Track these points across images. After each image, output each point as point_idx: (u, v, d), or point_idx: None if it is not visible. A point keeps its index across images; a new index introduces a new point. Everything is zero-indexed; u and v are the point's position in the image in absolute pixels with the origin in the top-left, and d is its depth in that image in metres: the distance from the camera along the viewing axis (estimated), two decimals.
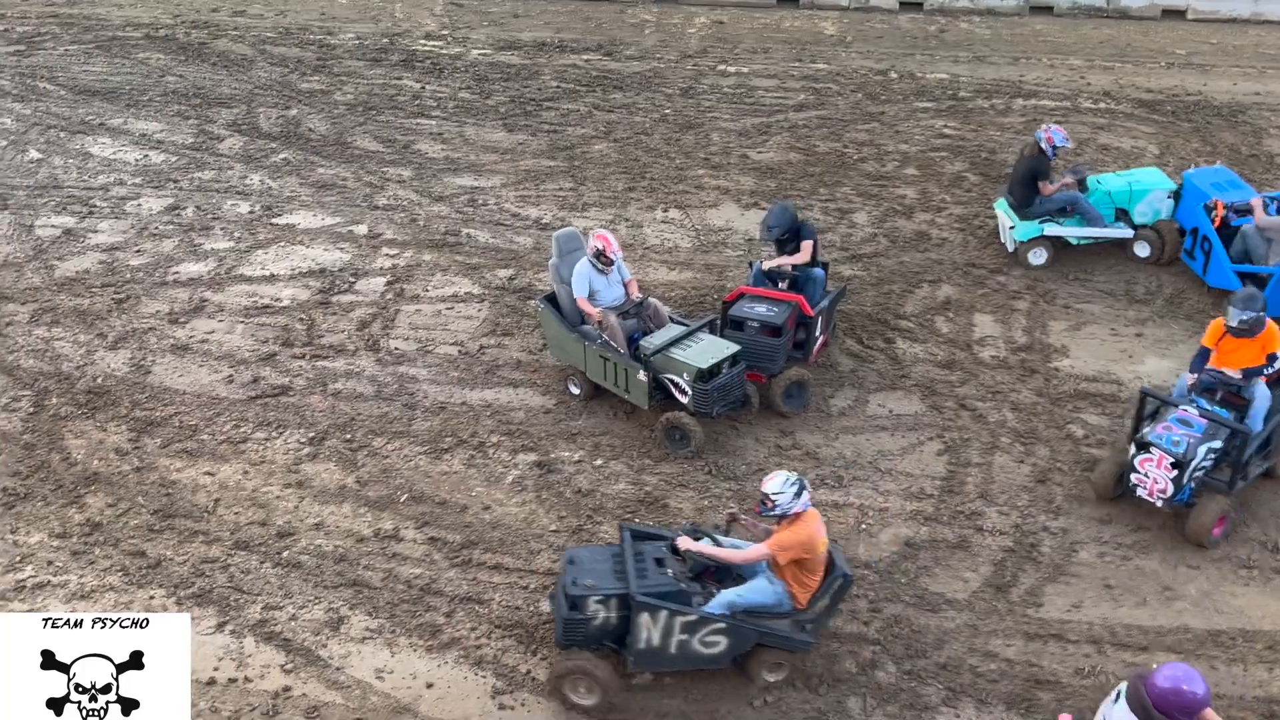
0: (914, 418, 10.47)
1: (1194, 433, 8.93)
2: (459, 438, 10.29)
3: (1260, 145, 15.07)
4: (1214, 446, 8.95)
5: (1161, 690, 5.87)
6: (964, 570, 8.90)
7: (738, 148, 15.23)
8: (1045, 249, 12.42)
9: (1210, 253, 11.77)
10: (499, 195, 14.17)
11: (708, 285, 12.31)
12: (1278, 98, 16.42)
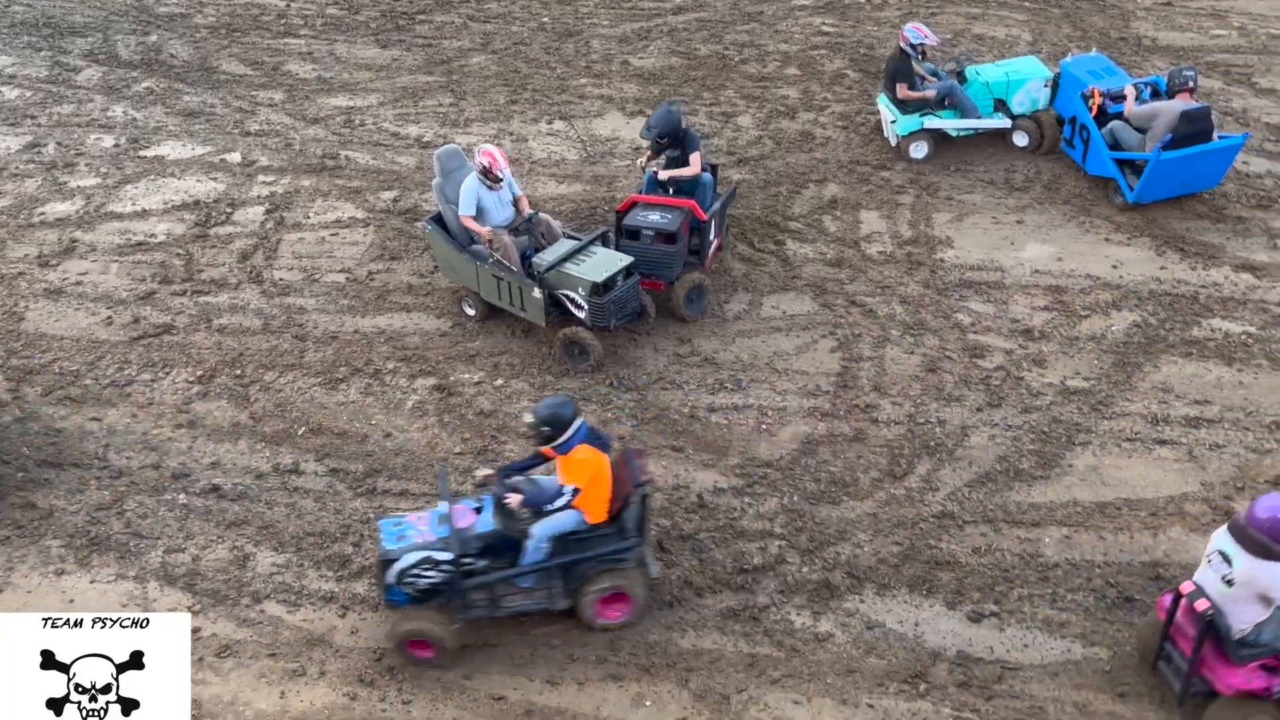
0: (807, 317, 10.62)
1: None
2: (354, 366, 10.13)
3: (1128, 28, 15.38)
4: None
5: (1262, 520, 6.60)
6: (862, 462, 9.14)
7: (619, 54, 15.02)
8: (926, 142, 12.59)
9: (1089, 141, 12.02)
10: (376, 115, 13.78)
11: (598, 197, 12.21)
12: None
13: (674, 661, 7.66)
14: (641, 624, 7.89)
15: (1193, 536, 8.39)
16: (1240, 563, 6.68)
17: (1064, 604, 7.97)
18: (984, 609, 7.95)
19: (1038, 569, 8.23)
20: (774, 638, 7.80)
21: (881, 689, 7.45)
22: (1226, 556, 6.78)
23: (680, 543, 8.49)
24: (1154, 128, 11.38)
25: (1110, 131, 11.80)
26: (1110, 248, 11.35)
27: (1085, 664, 7.56)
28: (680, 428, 9.50)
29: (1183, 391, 9.64)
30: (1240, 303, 10.53)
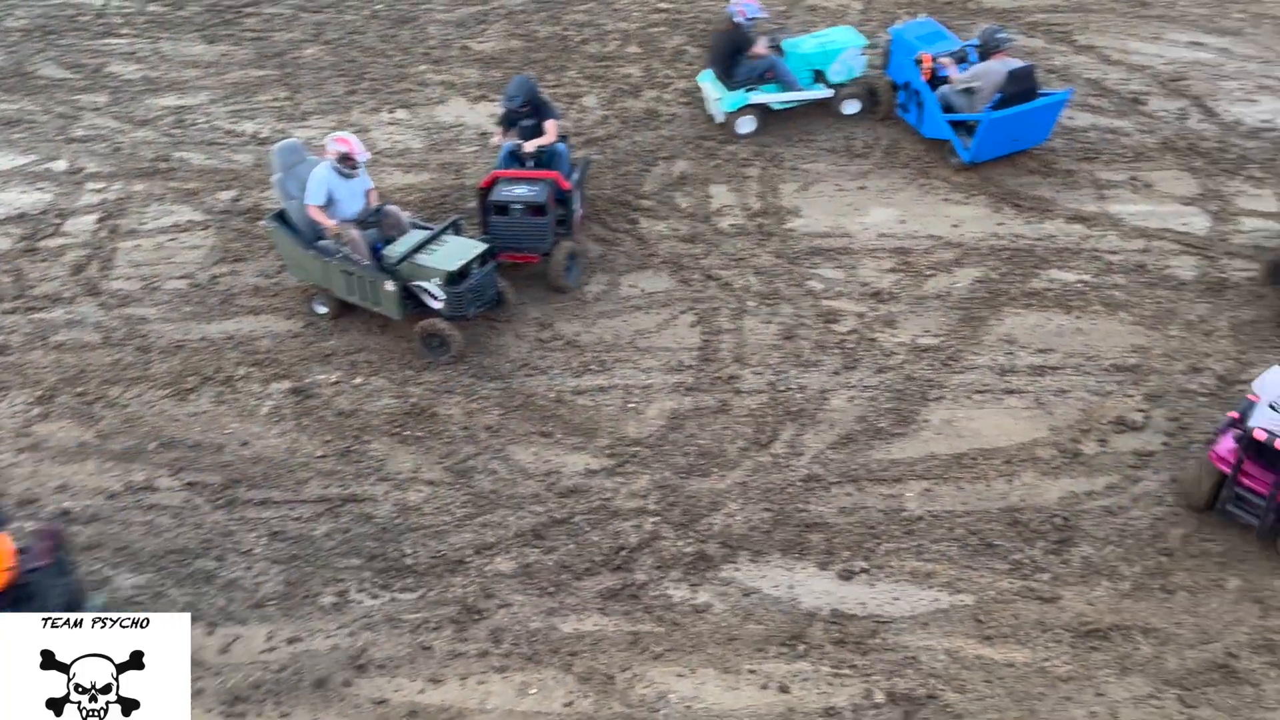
0: (665, 294, 10.69)
1: None
2: (203, 375, 9.79)
3: None
4: None
5: None
6: (728, 433, 9.26)
7: (457, 39, 14.80)
8: (753, 117, 12.73)
9: (923, 106, 12.34)
10: (209, 113, 13.29)
11: (446, 185, 12.03)
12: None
13: (557, 647, 7.66)
14: (521, 612, 7.86)
15: (1045, 480, 8.76)
16: None
17: (929, 555, 8.24)
18: (854, 566, 8.16)
19: (902, 523, 8.48)
20: (654, 614, 7.86)
21: (762, 654, 7.59)
22: None
23: (556, 528, 8.48)
24: (982, 89, 11.77)
25: (943, 94, 12.16)
26: (950, 208, 11.72)
27: (953, 611, 7.84)
28: (548, 413, 9.47)
29: (1026, 342, 10.04)
30: (1074, 253, 11.00)
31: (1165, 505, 8.51)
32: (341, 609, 7.92)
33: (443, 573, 8.16)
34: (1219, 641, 7.56)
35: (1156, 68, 13.82)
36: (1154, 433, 9.12)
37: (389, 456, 9.07)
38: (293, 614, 7.87)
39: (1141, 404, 9.37)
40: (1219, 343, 9.92)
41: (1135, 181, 11.94)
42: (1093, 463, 8.89)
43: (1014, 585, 7.99)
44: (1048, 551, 8.22)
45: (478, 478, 8.91)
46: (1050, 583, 8.00)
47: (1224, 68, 13.78)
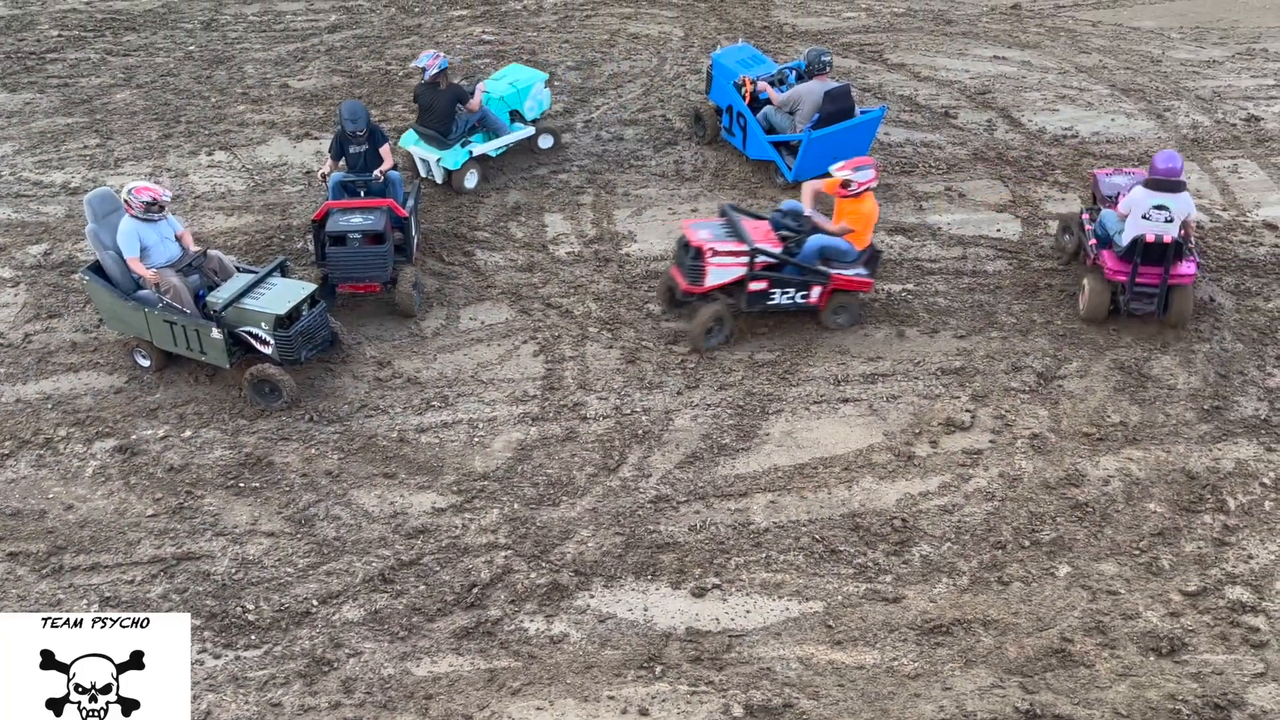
0: (506, 324, 10.64)
1: None
2: (20, 439, 9.28)
3: (769, 17, 16.31)
4: None
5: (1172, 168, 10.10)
6: (576, 460, 9.25)
7: (276, 78, 14.48)
8: (476, 169, 12.43)
9: (746, 128, 12.62)
10: (13, 164, 12.66)
11: (272, 226, 11.73)
12: None
13: (412, 692, 7.49)
14: (373, 659, 7.66)
15: (883, 484, 9.02)
16: (1175, 204, 10.02)
17: (777, 566, 8.38)
18: (706, 583, 8.23)
19: (750, 536, 8.61)
20: (510, 648, 7.78)
21: (620, 679, 7.58)
22: (1164, 206, 10.02)
23: (404, 570, 8.31)
24: (801, 109, 12.13)
25: (764, 116, 12.48)
26: None
27: (804, 619, 7.99)
28: (390, 453, 9.29)
29: (858, 352, 10.34)
30: (897, 263, 11.41)
31: (996, 500, 8.87)
32: None
33: (288, 626, 7.90)
34: (1054, 628, 7.90)
35: (964, 82, 14.50)
36: (981, 431, 9.50)
37: (225, 510, 8.76)
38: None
39: (968, 404, 9.75)
40: (1036, 341, 10.42)
41: (950, 192, 12.47)
42: (926, 464, 9.20)
43: (860, 589, 8.19)
44: (889, 553, 8.46)
45: (320, 525, 8.67)
46: (893, 583, 8.24)
47: (1026, 80, 14.54)
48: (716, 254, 10.04)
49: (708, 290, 10.17)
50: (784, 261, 10.20)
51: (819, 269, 10.19)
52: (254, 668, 7.61)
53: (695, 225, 10.42)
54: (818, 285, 10.25)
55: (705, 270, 10.07)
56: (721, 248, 10.06)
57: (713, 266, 10.07)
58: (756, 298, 10.23)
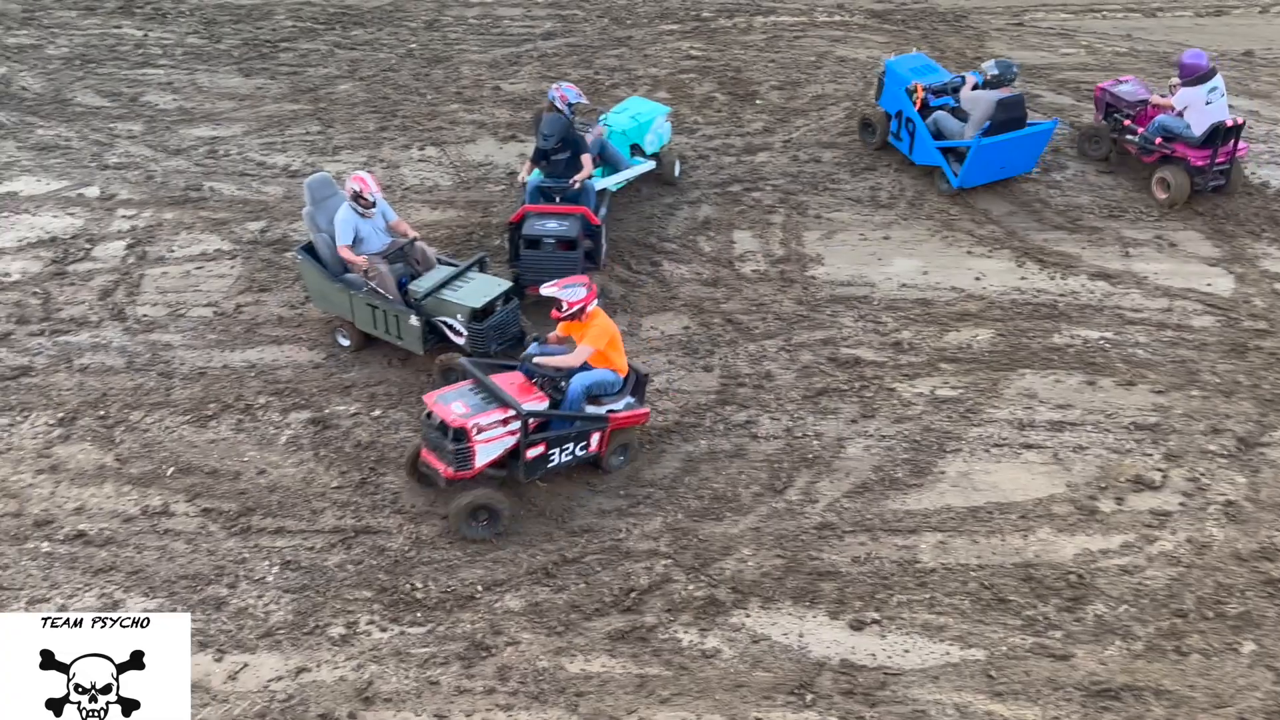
0: (685, 336, 10.72)
1: None
2: (224, 403, 9.86)
3: (984, 48, 15.96)
4: None
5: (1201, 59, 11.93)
6: (743, 477, 9.24)
7: (489, 80, 14.99)
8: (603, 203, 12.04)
9: (915, 133, 12.68)
10: (241, 144, 13.49)
11: (473, 223, 12.14)
12: (997, 1, 17.39)
13: (564, 687, 7.61)
14: (529, 650, 7.83)
15: (1061, 536, 8.69)
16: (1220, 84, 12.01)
17: (941, 608, 8.17)
18: (865, 617, 8.10)
19: (915, 575, 8.42)
20: (662, 657, 7.82)
21: (769, 701, 7.52)
22: (1215, 87, 11.95)
23: (566, 566, 8.46)
24: (973, 116, 12.25)
25: (934, 121, 12.61)
26: (973, 260, 11.73)
27: (964, 666, 7.76)
28: None
29: (1046, 397, 10.00)
30: (1097, 310, 10.98)
31: (1182, 566, 8.42)
32: (350, 641, 7.90)
33: (452, 608, 8.15)
34: (1232, 706, 7.44)
35: None
36: (1171, 492, 9.05)
37: (404, 490, 9.10)
38: (301, 644, 7.87)
39: (1160, 463, 9.30)
40: (1241, 404, 9.86)
41: (1161, 240, 11.94)
42: (1109, 521, 8.81)
43: (1026, 641, 7.91)
44: (1061, 609, 8.14)
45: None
46: (1063, 640, 7.92)
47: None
48: (482, 430, 8.49)
49: (478, 473, 8.67)
50: (557, 416, 8.81)
51: (595, 413, 8.85)
52: (417, 645, 7.88)
53: (443, 398, 8.77)
54: (596, 431, 8.88)
55: (473, 452, 8.53)
56: (486, 421, 8.51)
57: (480, 445, 8.53)
58: (535, 464, 8.76)
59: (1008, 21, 16.66)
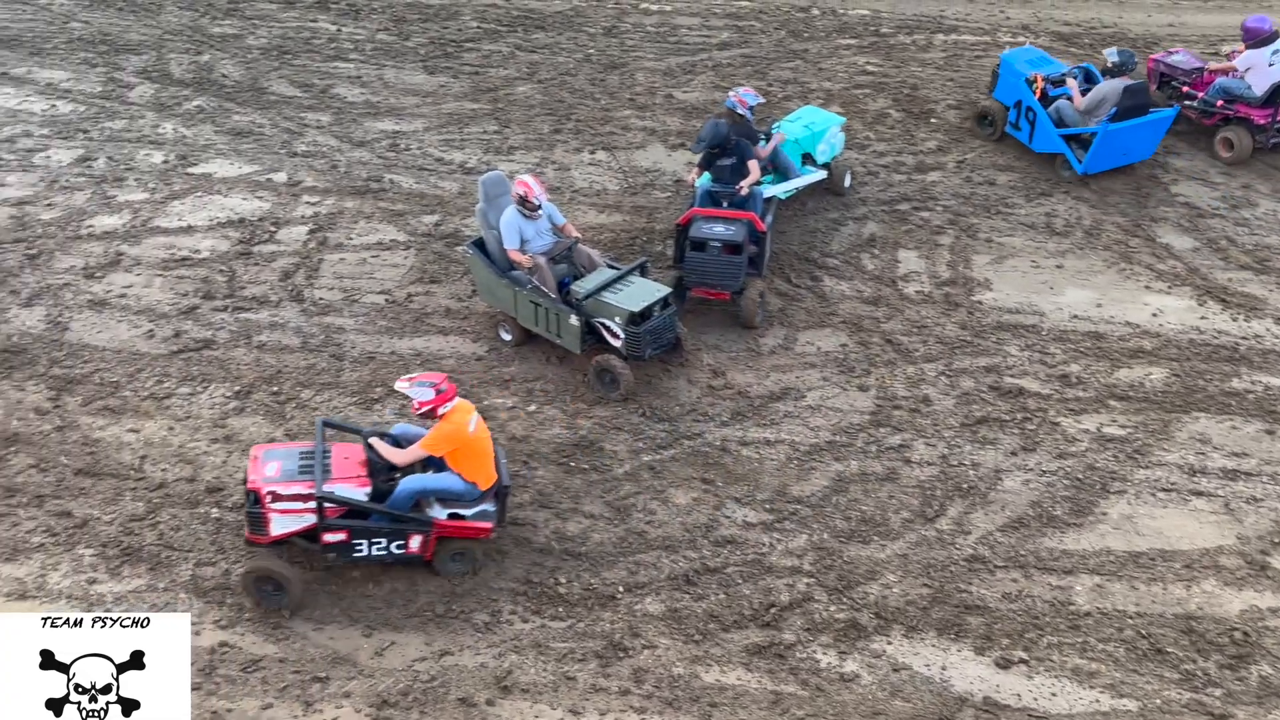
0: (842, 354, 10.60)
1: None
2: (389, 388, 10.20)
3: None
4: None
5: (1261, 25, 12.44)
6: (893, 502, 9.08)
7: (663, 88, 15.12)
8: (771, 210, 11.89)
9: (1035, 122, 12.93)
10: (421, 140, 13.94)
11: (637, 227, 12.27)
12: (1191, 28, 16.66)
13: (698, 696, 7.62)
14: (666, 656, 7.86)
15: (1227, 590, 8.27)
16: None
17: (1094, 654, 7.87)
18: (1012, 655, 7.86)
19: (1068, 617, 8.14)
20: (799, 676, 7.75)
21: None
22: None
23: (708, 576, 8.47)
24: (1100, 104, 12.50)
25: (1056, 110, 12.85)
26: (1151, 295, 11.27)
27: (1114, 716, 7.46)
28: (711, 460, 9.50)
29: (1220, 443, 9.53)
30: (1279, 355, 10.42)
31: None
32: (493, 629, 8.09)
33: (593, 606, 8.26)
34: None
35: None
36: None
37: (553, 485, 9.26)
38: (446, 627, 8.08)
39: None
40: None
41: None
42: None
43: (1182, 696, 7.55)
44: (1223, 666, 7.75)
45: (635, 516, 8.99)
46: (1222, 699, 7.53)
47: None
48: (279, 499, 7.99)
49: (274, 540, 8.15)
50: (366, 509, 8.12)
51: (416, 516, 8.17)
52: (557, 639, 8.01)
53: (268, 454, 8.34)
54: (418, 533, 8.20)
55: (266, 519, 8.03)
56: (285, 491, 7.97)
57: (275, 514, 8.01)
58: (337, 550, 8.16)
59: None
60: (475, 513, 8.23)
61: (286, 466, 8.19)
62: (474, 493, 8.20)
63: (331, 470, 8.19)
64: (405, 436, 8.47)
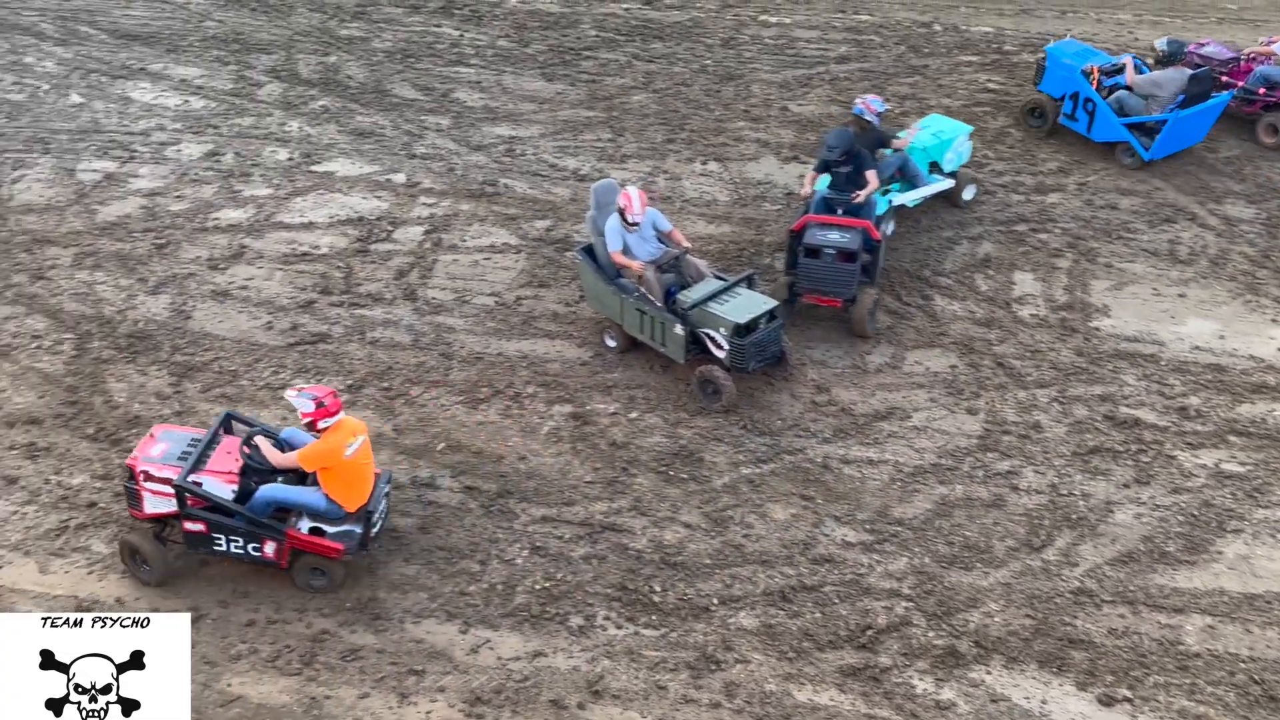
0: (951, 375, 10.42)
1: None
2: (495, 388, 10.34)
3: None
4: None
5: None
6: (998, 529, 8.89)
7: (778, 100, 15.07)
8: (893, 220, 12.08)
9: (1094, 112, 13.30)
10: (537, 145, 14.11)
11: (746, 239, 12.24)
12: None
13: (789, 714, 7.56)
14: (759, 671, 7.81)
15: None
16: None
17: (1203, 696, 7.59)
18: (1116, 693, 7.63)
19: (1177, 657, 7.86)
20: (894, 701, 7.63)
21: None
22: None
23: (804, 594, 8.40)
24: (1163, 93, 12.85)
25: (1116, 100, 13.16)
26: (1278, 329, 10.85)
27: None
28: (812, 476, 9.41)
29: None
30: None
31: None
32: (587, 632, 8.13)
33: (687, 616, 8.24)
34: None
35: None
36: None
37: (652, 493, 9.27)
38: (541, 628, 8.16)
39: None
40: None
41: None
42: None
43: None
44: None
45: (733, 529, 8.96)
46: None
47: None
48: (150, 479, 8.23)
49: (150, 518, 8.36)
50: (220, 505, 8.20)
51: (270, 523, 8.18)
52: (649, 647, 8.02)
53: (164, 435, 8.62)
54: (271, 540, 8.24)
55: (140, 495, 8.29)
56: (157, 473, 8.21)
57: (148, 493, 8.25)
58: (196, 540, 8.32)
59: None
60: (336, 532, 8.20)
61: (172, 450, 8.41)
62: (337, 512, 8.17)
63: (207, 463, 8.36)
64: (291, 441, 8.48)
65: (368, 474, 8.36)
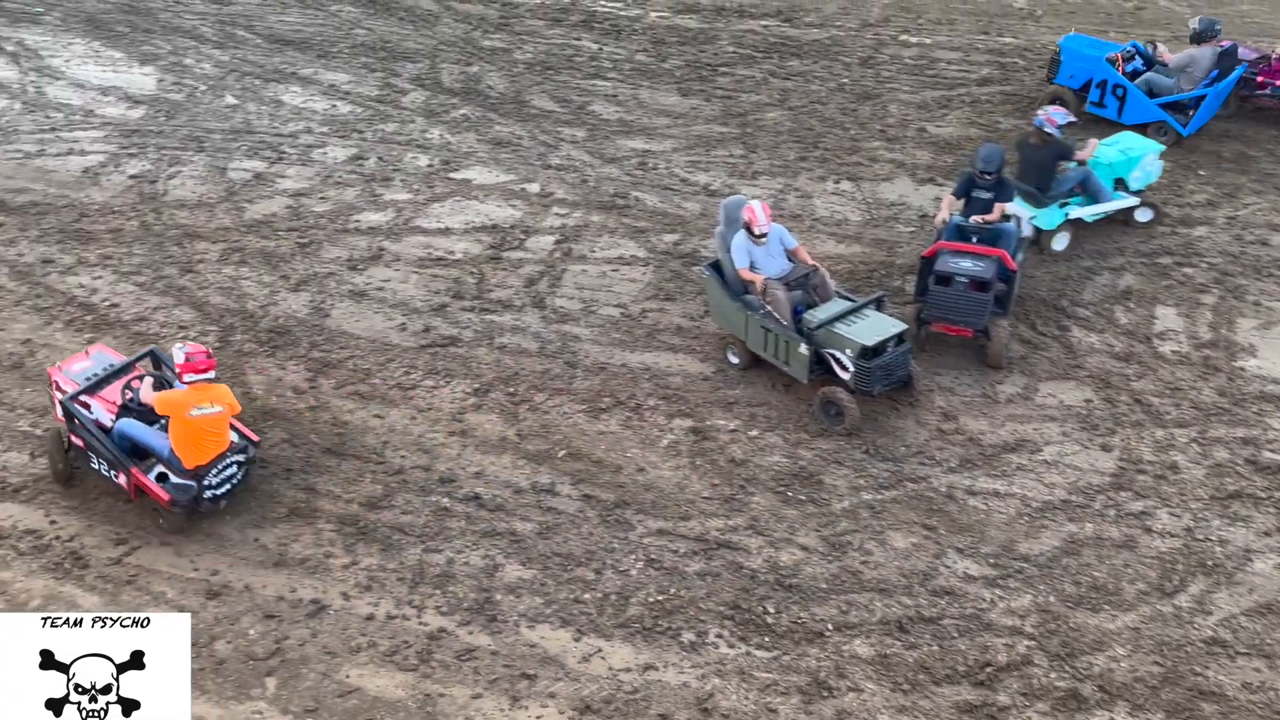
0: (1086, 410, 10.11)
1: None
2: (617, 399, 10.41)
3: None
4: None
5: None
6: (1129, 571, 8.59)
7: (916, 120, 14.86)
8: (1069, 233, 11.99)
9: (1125, 96, 13.82)
10: (669, 160, 14.18)
11: (876, 260, 12.09)
12: None
13: None
14: (871, 702, 7.68)
15: None
16: None
17: None
18: None
19: None
20: None
21: None
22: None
23: (922, 625, 8.23)
24: (1193, 70, 13.49)
25: (1146, 82, 13.77)
26: None
27: None
28: (935, 506, 9.23)
29: None
30: None
31: None
32: (698, 649, 8.11)
33: (800, 640, 8.16)
34: None
35: None
36: None
37: (769, 513, 9.21)
38: (653, 642, 8.17)
39: None
40: None
41: None
42: None
43: None
44: None
45: (851, 554, 8.84)
46: None
47: None
48: (59, 389, 9.46)
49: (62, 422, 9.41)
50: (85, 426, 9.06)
51: (118, 456, 8.95)
52: (761, 669, 7.96)
53: (96, 355, 9.78)
54: (122, 472, 8.94)
55: (55, 400, 9.51)
56: (64, 385, 9.44)
57: (57, 400, 9.42)
58: (80, 453, 9.26)
59: None
60: (173, 484, 8.86)
61: (89, 369, 9.55)
62: (177, 464, 8.82)
63: (104, 389, 9.38)
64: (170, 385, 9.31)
65: (210, 442, 8.91)
